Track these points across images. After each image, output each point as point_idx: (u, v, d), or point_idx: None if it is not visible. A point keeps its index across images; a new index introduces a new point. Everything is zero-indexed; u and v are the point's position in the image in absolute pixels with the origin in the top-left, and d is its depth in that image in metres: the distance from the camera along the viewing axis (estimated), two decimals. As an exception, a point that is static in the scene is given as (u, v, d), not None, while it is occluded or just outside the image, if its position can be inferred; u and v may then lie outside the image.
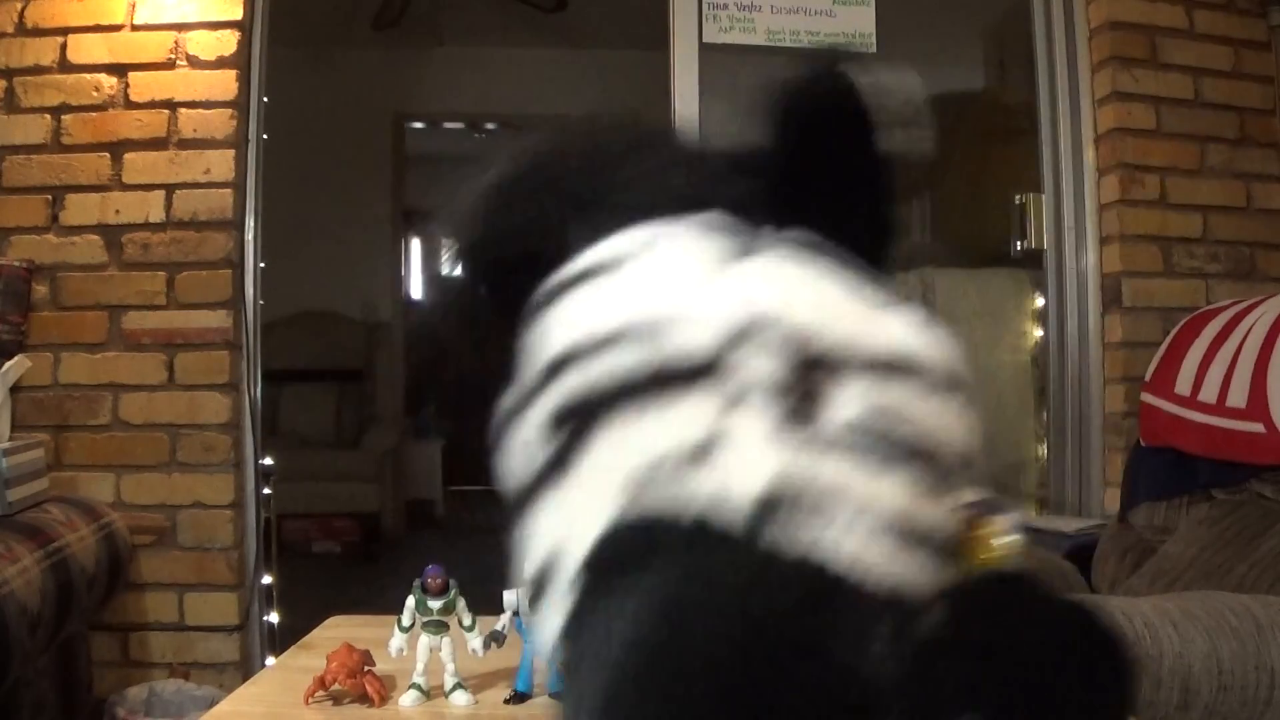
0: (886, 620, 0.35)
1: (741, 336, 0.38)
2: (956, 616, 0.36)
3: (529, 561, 0.42)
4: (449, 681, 0.98)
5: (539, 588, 0.41)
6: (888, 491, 0.37)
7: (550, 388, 0.41)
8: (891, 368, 0.39)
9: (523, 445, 0.42)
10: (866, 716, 0.32)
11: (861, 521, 0.36)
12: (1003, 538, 0.43)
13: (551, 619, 0.39)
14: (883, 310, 0.40)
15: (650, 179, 0.46)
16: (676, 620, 0.34)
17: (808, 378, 0.38)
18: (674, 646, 0.34)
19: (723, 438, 0.37)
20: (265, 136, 2.33)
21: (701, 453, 0.37)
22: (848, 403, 0.38)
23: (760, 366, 0.38)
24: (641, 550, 0.37)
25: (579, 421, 0.40)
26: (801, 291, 0.40)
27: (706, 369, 0.38)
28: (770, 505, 0.36)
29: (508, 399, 0.44)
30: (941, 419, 0.39)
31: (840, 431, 0.37)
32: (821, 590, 0.35)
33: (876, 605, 0.35)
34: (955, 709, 0.34)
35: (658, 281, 0.41)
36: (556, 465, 0.40)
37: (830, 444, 0.37)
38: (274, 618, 2.26)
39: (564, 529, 0.40)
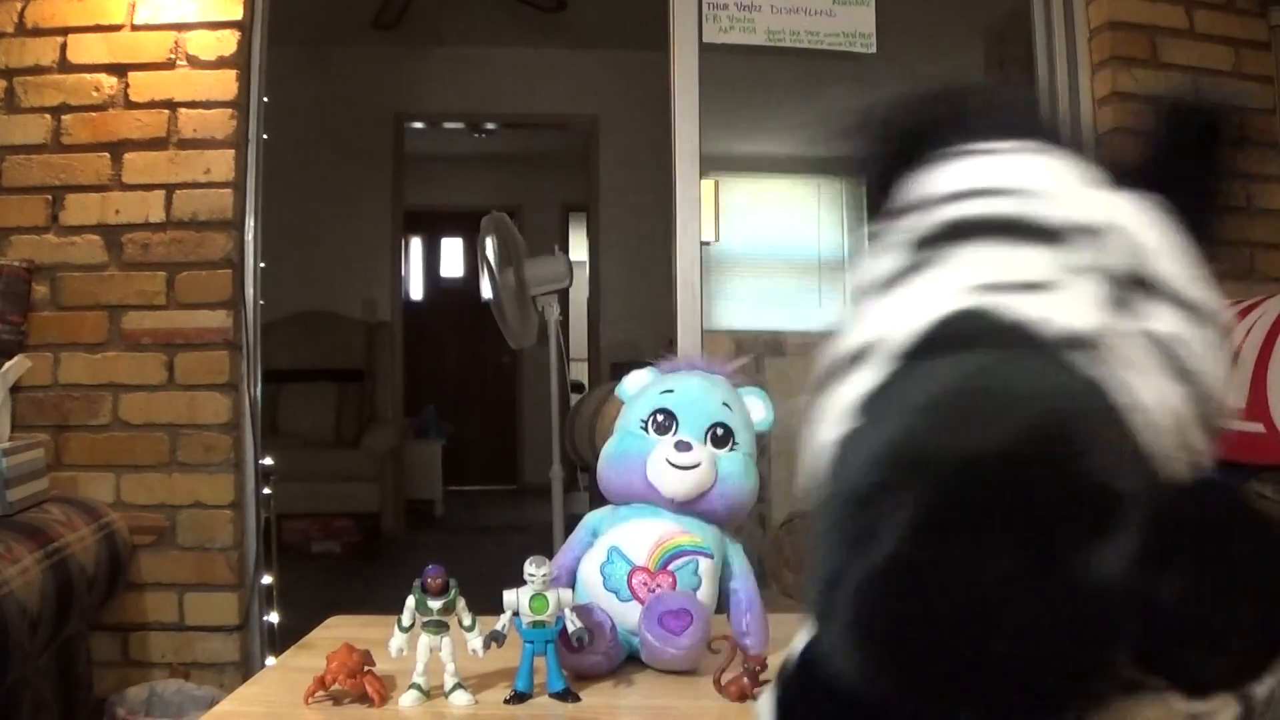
0: (1143, 465, 0.41)
1: (1101, 229, 0.46)
2: (1184, 493, 0.42)
3: (841, 348, 0.48)
4: (449, 681, 0.98)
5: (846, 367, 0.47)
6: (1173, 393, 0.43)
7: (929, 213, 0.49)
8: (1197, 312, 0.46)
9: (889, 250, 0.50)
10: (1107, 524, 0.37)
11: (1151, 390, 0.42)
12: None
13: (851, 390, 0.45)
14: (1196, 268, 0.49)
15: (1028, 113, 0.57)
16: (979, 386, 0.40)
17: (1137, 286, 0.45)
18: (971, 407, 0.39)
19: (1059, 285, 0.44)
20: (265, 136, 2.33)
21: (1039, 287, 0.44)
22: (1161, 318, 0.45)
23: (1106, 256, 0.45)
24: (965, 336, 0.43)
25: (944, 239, 0.47)
26: (1154, 226, 0.48)
27: (1062, 235, 0.46)
28: (1081, 340, 0.42)
29: (886, 223, 0.52)
30: (1215, 371, 0.47)
31: (1150, 333, 0.44)
32: (1105, 410, 0.40)
33: (1139, 451, 0.41)
34: (1175, 565, 0.39)
35: (1047, 171, 0.49)
36: (912, 268, 0.48)
37: (1142, 336, 0.44)
38: (274, 618, 2.26)
39: (897, 318, 0.46)
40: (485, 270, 2.86)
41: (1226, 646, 0.41)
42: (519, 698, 0.98)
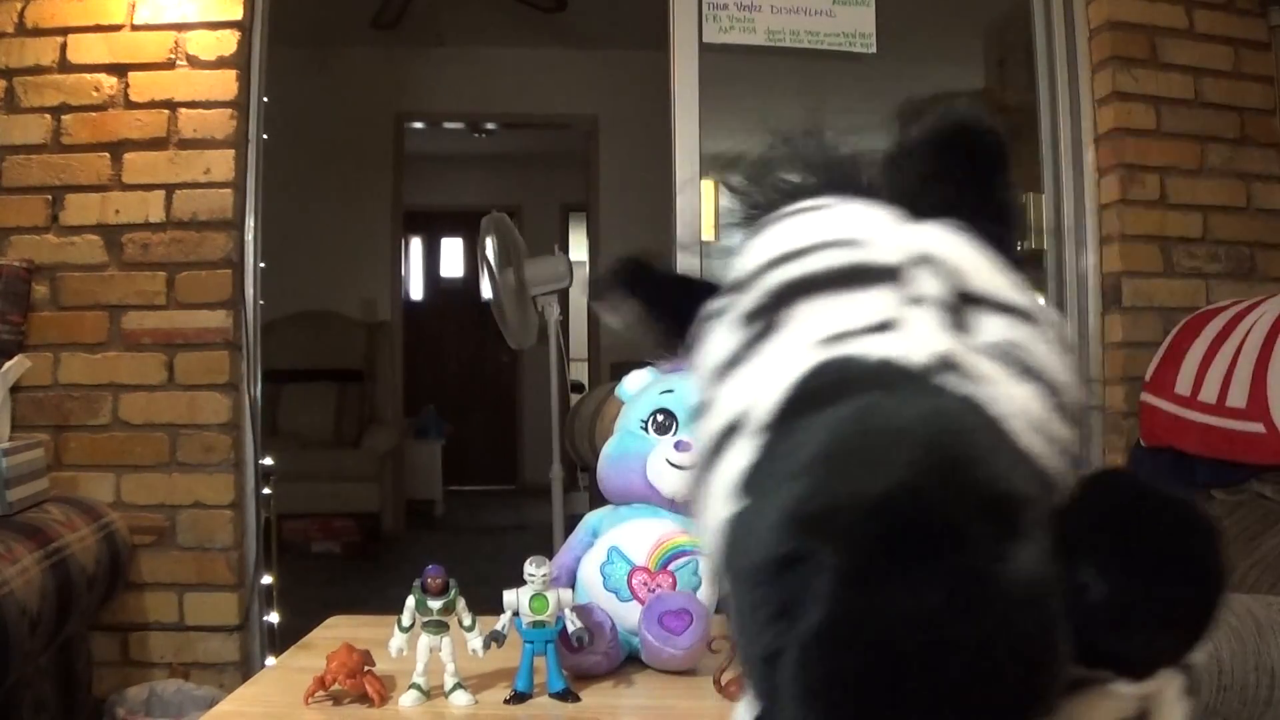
0: (1032, 467, 0.43)
1: (921, 260, 0.49)
2: (1087, 486, 0.44)
3: (707, 431, 0.49)
4: (449, 681, 0.98)
5: (718, 448, 0.47)
6: (1026, 395, 0.46)
7: (758, 282, 0.51)
8: (1024, 315, 0.49)
9: (723, 332, 0.51)
10: (1018, 528, 0.39)
11: (1012, 401, 0.45)
12: None
13: (729, 470, 0.46)
14: (1011, 277, 0.51)
15: (844, 172, 0.57)
16: (863, 429, 0.41)
17: (965, 304, 0.48)
18: (862, 450, 0.40)
19: (902, 321, 0.46)
20: (265, 136, 2.33)
21: (884, 327, 0.46)
22: (993, 329, 0.47)
23: (933, 283, 0.48)
24: (831, 387, 0.44)
25: (782, 303, 0.49)
26: (963, 247, 0.50)
27: (891, 274, 0.48)
28: (943, 364, 0.45)
29: (714, 302, 0.53)
30: (1058, 363, 0.48)
31: (989, 345, 0.47)
32: (986, 422, 0.42)
33: (1026, 454, 0.43)
34: (1084, 549, 0.41)
35: (855, 219, 0.52)
36: (755, 340, 0.49)
37: (983, 350, 0.46)
38: (274, 618, 2.26)
39: (755, 389, 0.47)
40: (485, 270, 2.85)
41: (1156, 624, 0.42)
42: (519, 698, 0.98)
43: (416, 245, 7.63)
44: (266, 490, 2.29)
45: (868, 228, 0.51)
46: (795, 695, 0.39)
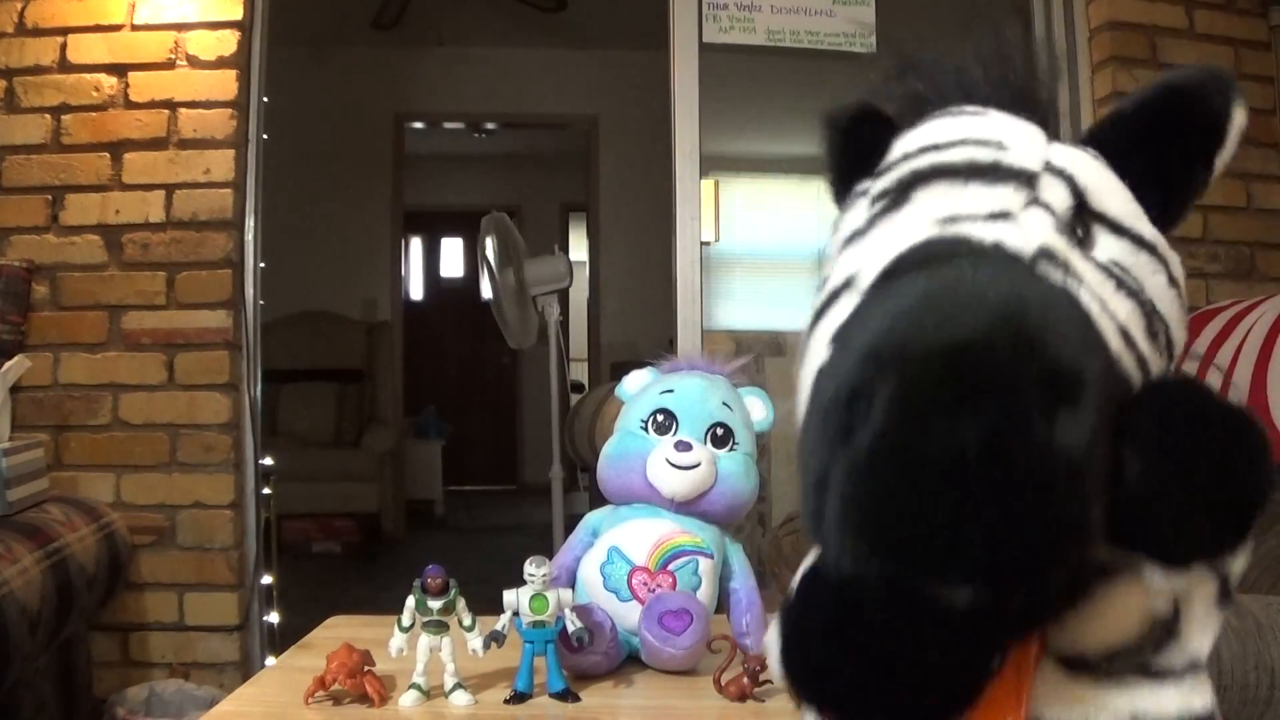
0: (1103, 355, 0.45)
1: (1056, 172, 0.51)
2: (1150, 386, 0.47)
3: (823, 291, 0.52)
4: (449, 681, 0.98)
5: (825, 306, 0.51)
6: (1120, 306, 0.48)
7: (899, 166, 0.53)
8: (1142, 242, 0.52)
9: (857, 208, 0.54)
10: (1071, 399, 0.40)
11: (1104, 306, 0.47)
12: None
13: (830, 324, 0.48)
14: (1139, 210, 0.54)
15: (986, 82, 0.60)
16: (951, 288, 0.43)
17: (1087, 220, 0.50)
18: (944, 305, 0.42)
19: (1018, 216, 0.49)
20: (265, 136, 2.33)
21: (999, 217, 0.48)
22: (1108, 247, 0.50)
23: (1061, 193, 0.50)
24: (934, 256, 0.46)
25: (914, 185, 0.51)
26: (1100, 170, 0.53)
27: (1023, 177, 0.50)
28: (1045, 254, 0.47)
29: (862, 182, 0.56)
30: (1163, 294, 0.52)
31: (1098, 258, 0.50)
32: (1071, 310, 0.44)
33: (1100, 343, 0.45)
34: (1140, 437, 0.43)
35: (1004, 127, 0.54)
36: (878, 215, 0.52)
37: (1091, 260, 0.49)
38: (274, 618, 2.27)
39: (870, 254, 0.49)
40: (485, 270, 2.85)
41: (1194, 517, 0.43)
42: (519, 698, 0.98)
43: (416, 245, 7.63)
44: (266, 490, 2.29)
45: (1014, 136, 0.53)
46: (836, 513, 0.41)
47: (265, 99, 2.33)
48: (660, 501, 1.07)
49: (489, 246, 2.83)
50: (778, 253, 2.87)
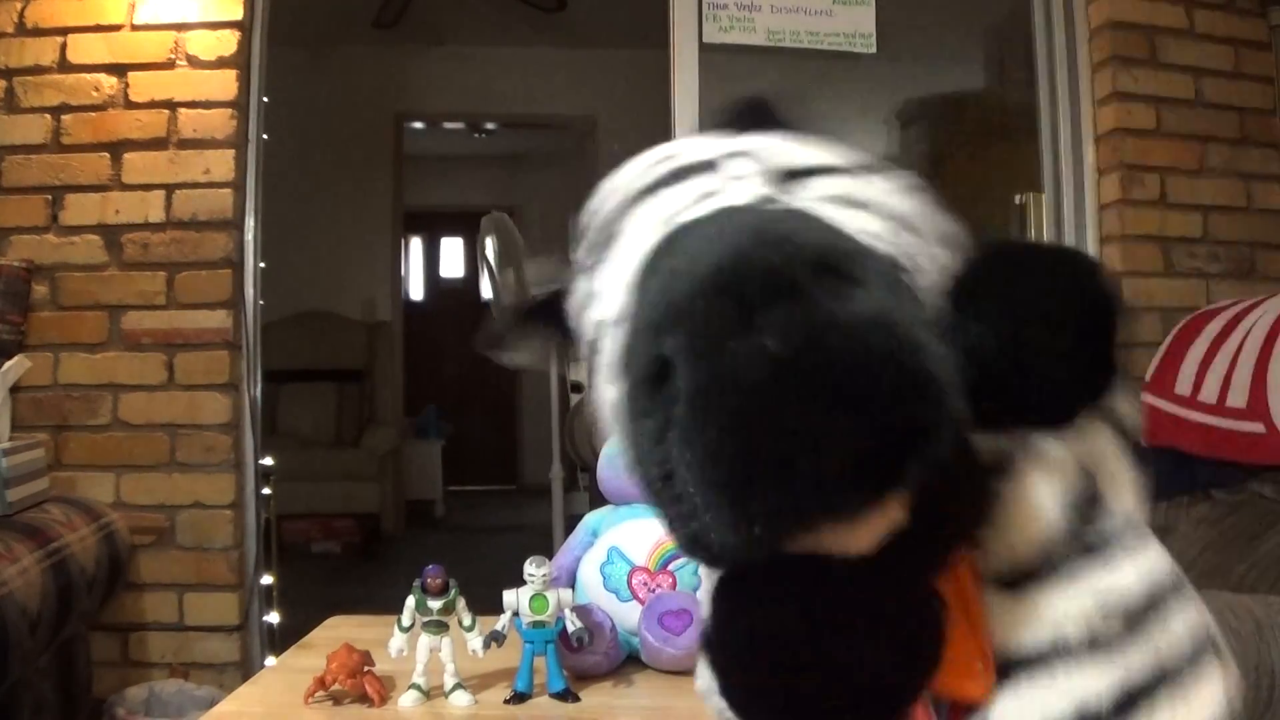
0: (863, 242, 0.44)
1: (734, 153, 0.51)
2: (971, 256, 0.46)
3: (586, 336, 0.54)
4: (449, 681, 0.98)
5: (595, 345, 0.52)
6: (855, 216, 0.47)
7: (593, 223, 0.56)
8: (851, 172, 0.51)
9: (582, 278, 0.55)
10: (850, 274, 0.40)
11: (839, 216, 0.47)
12: None
13: (607, 351, 0.49)
14: (839, 153, 0.53)
15: None
16: (697, 242, 0.43)
17: (787, 178, 0.50)
18: (693, 257, 0.42)
19: (722, 190, 0.49)
20: (265, 136, 2.33)
21: (709, 195, 0.49)
22: (820, 186, 0.50)
23: (749, 165, 0.50)
24: (671, 240, 0.47)
25: (618, 218, 0.53)
26: (779, 141, 0.53)
27: (708, 165, 0.51)
28: (767, 200, 0.48)
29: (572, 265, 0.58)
30: (897, 200, 0.50)
31: (814, 194, 0.49)
32: (809, 216, 0.45)
33: (851, 234, 0.45)
34: (977, 304, 0.43)
35: (663, 149, 0.56)
36: (602, 252, 0.53)
37: (808, 197, 0.49)
38: (274, 618, 2.26)
39: (613, 283, 0.50)
40: (485, 270, 2.85)
41: (1049, 359, 0.43)
42: (519, 698, 0.98)
43: (416, 245, 7.63)
44: (266, 490, 2.29)
45: (678, 146, 0.55)
46: (697, 485, 0.38)
47: (265, 99, 2.32)
48: (660, 501, 1.07)
49: (489, 246, 2.83)
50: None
